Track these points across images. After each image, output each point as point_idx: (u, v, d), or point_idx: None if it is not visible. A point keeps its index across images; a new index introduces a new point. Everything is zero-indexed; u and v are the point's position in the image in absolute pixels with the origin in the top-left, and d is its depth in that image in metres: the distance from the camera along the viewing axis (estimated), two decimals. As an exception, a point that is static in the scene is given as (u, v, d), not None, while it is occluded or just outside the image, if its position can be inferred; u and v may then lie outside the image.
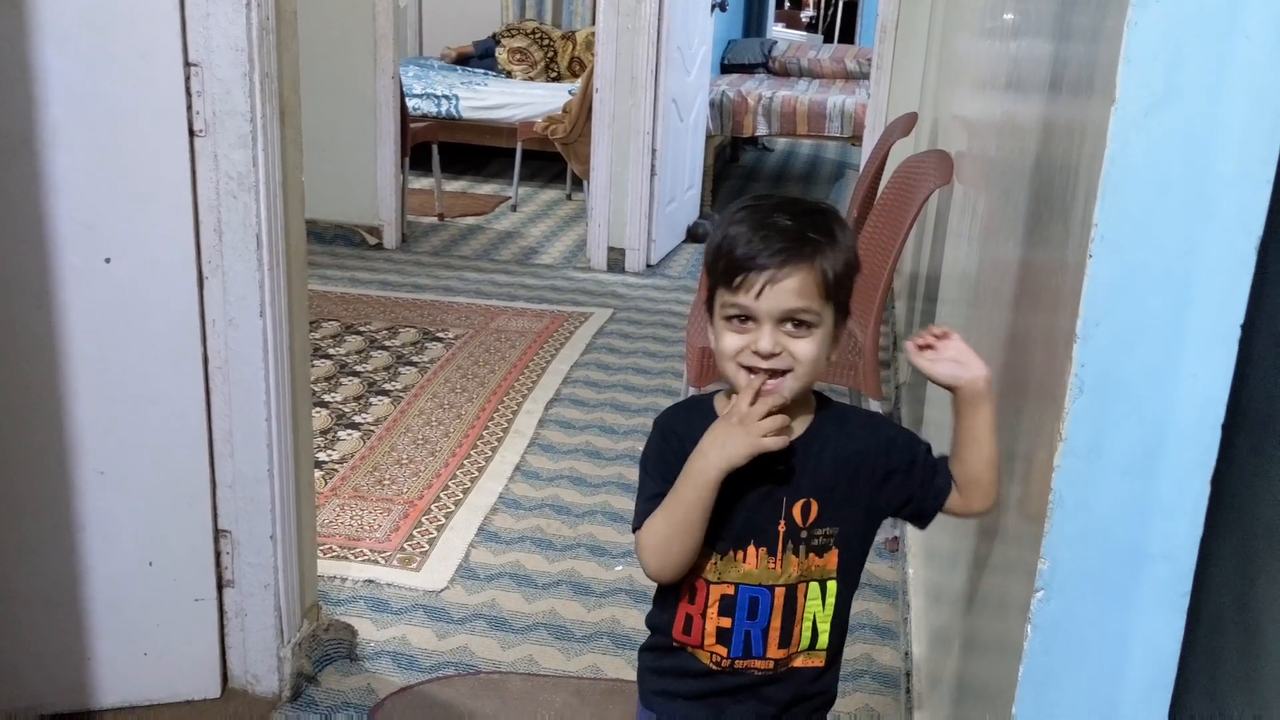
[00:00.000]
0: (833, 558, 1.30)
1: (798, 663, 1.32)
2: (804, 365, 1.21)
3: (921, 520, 1.34)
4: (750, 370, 1.22)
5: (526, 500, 3.16)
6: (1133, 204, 0.94)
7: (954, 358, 1.26)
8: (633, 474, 3.28)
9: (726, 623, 1.29)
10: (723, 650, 1.31)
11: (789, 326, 1.20)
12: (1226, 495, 1.08)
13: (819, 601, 1.30)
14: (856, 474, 1.29)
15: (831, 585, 1.30)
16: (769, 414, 1.20)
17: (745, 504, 1.25)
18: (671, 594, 1.33)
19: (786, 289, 1.18)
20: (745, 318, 1.21)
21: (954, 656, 1.73)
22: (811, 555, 1.28)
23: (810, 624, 1.30)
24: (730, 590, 1.28)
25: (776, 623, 1.29)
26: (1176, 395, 0.97)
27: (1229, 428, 0.98)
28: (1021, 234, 1.47)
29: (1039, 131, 1.42)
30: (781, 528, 1.27)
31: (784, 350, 1.20)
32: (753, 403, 1.21)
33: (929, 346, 1.27)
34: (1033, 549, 1.06)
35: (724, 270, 1.21)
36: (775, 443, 1.20)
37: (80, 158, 1.92)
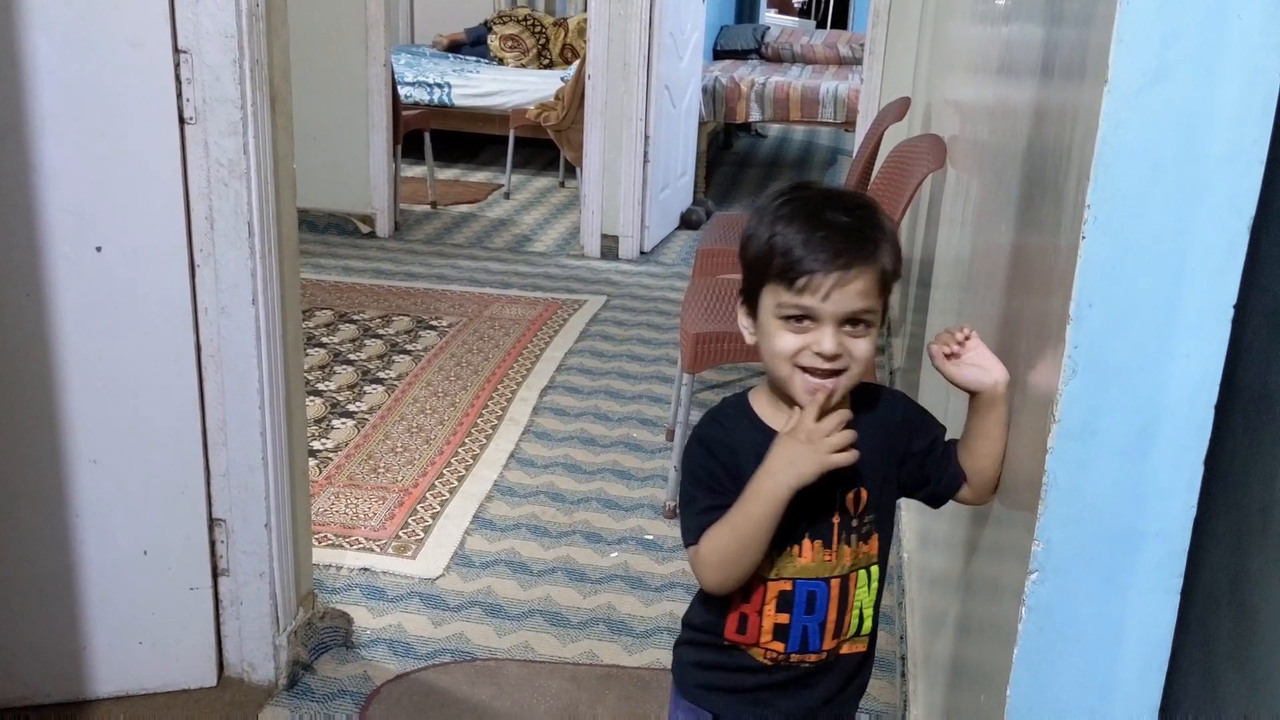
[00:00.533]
0: (875, 542, 1.30)
1: (844, 650, 1.32)
2: (860, 365, 1.20)
3: (936, 502, 1.35)
4: (806, 370, 1.20)
5: (521, 487, 3.16)
6: (1125, 185, 0.94)
7: (975, 362, 1.26)
8: (627, 461, 3.30)
9: (784, 619, 1.28)
10: (779, 646, 1.30)
11: (848, 327, 1.19)
12: (1220, 475, 1.09)
13: (866, 588, 1.30)
14: (888, 454, 1.30)
15: (875, 570, 1.31)
16: (836, 426, 1.18)
17: (802, 500, 1.22)
18: (723, 595, 1.30)
19: (854, 291, 1.17)
20: (804, 318, 1.19)
21: (949, 639, 1.74)
22: (860, 543, 1.29)
23: (859, 611, 1.31)
24: (788, 586, 1.27)
25: (833, 614, 1.29)
26: (1170, 376, 0.97)
27: (1222, 407, 0.98)
28: (1014, 217, 1.47)
29: (1031, 115, 1.42)
30: (836, 519, 1.27)
31: (845, 351, 1.19)
32: (818, 418, 1.19)
33: (954, 355, 1.26)
34: (1026, 531, 1.07)
35: (782, 270, 1.18)
36: (846, 459, 1.18)
37: (70, 146, 1.92)
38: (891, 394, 1.36)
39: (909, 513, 2.80)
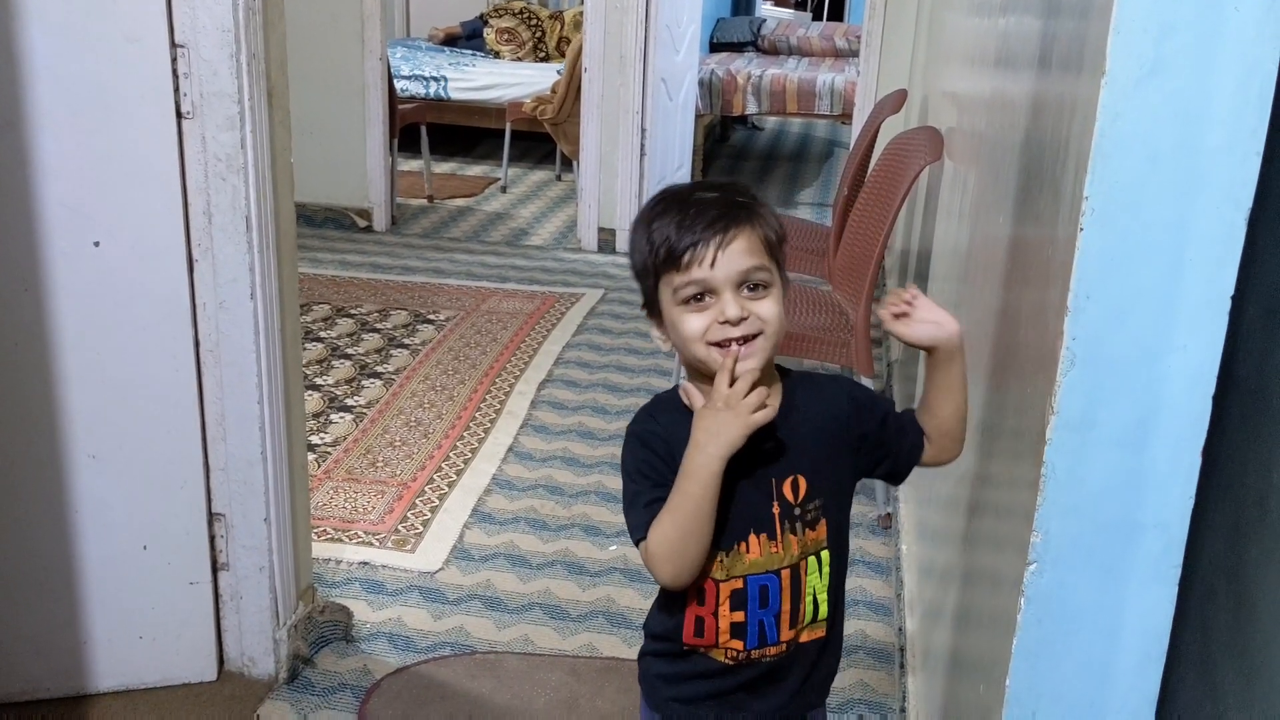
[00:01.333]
0: (823, 529, 1.30)
1: (804, 638, 1.32)
2: (771, 325, 1.21)
3: (896, 478, 1.36)
4: (720, 345, 1.21)
5: (520, 481, 3.16)
6: (1123, 176, 0.94)
7: (927, 318, 1.26)
8: (626, 454, 3.30)
9: (740, 616, 1.28)
10: (738, 644, 1.30)
11: (746, 291, 1.20)
12: (1217, 466, 1.09)
13: (817, 574, 1.30)
14: (833, 439, 1.30)
15: (825, 555, 1.31)
16: (749, 389, 1.19)
17: (737, 495, 1.24)
18: (677, 599, 1.30)
19: (738, 250, 1.19)
20: (703, 294, 1.20)
21: (947, 631, 1.74)
22: (807, 531, 1.29)
23: (811, 598, 1.31)
24: (739, 584, 1.27)
25: (786, 605, 1.29)
26: (1168, 367, 0.97)
27: (1219, 398, 0.98)
28: (1012, 209, 1.47)
29: (1029, 106, 1.42)
30: (776, 509, 1.27)
31: (750, 314, 1.20)
32: (731, 383, 1.20)
33: (904, 314, 1.27)
34: (1025, 523, 1.07)
35: (667, 256, 1.21)
36: (766, 415, 1.19)
37: (67, 141, 1.91)
38: (834, 380, 1.37)
39: (906, 505, 2.80)
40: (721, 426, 1.18)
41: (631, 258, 1.28)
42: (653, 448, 1.26)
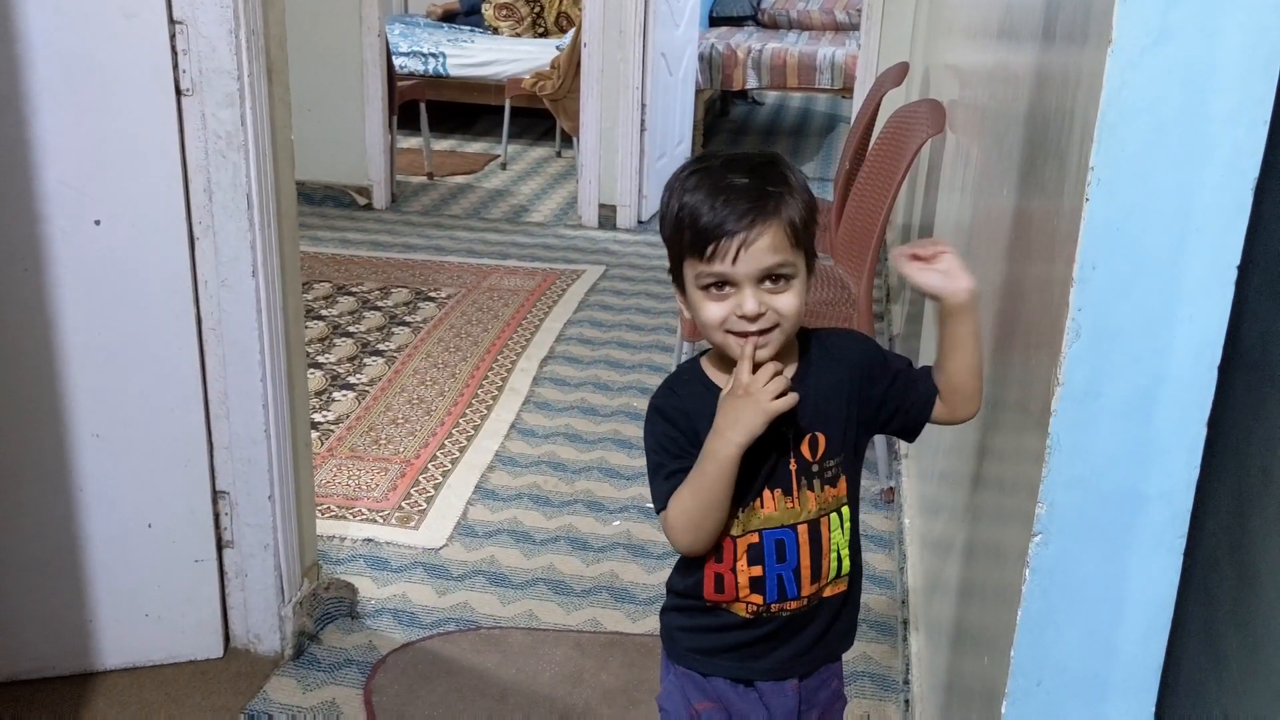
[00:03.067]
0: (843, 485, 1.32)
1: (827, 593, 1.35)
2: (789, 319, 1.23)
3: (909, 434, 1.36)
4: (739, 335, 1.22)
5: (523, 458, 3.16)
6: (1129, 146, 0.94)
7: (942, 269, 1.26)
8: (628, 430, 3.30)
9: (758, 571, 1.31)
10: (758, 599, 1.32)
11: (768, 284, 1.21)
12: (1222, 436, 1.09)
13: (840, 531, 1.32)
14: (848, 396, 1.31)
15: (846, 511, 1.33)
16: (771, 376, 1.21)
17: (755, 453, 1.25)
18: (696, 557, 1.33)
19: (761, 248, 1.19)
20: (723, 284, 1.21)
21: (951, 604, 1.75)
22: (827, 488, 1.31)
23: (835, 554, 1.33)
24: (755, 539, 1.30)
25: (806, 560, 1.31)
26: (1173, 337, 0.97)
27: (1224, 368, 0.98)
28: (1016, 181, 1.47)
29: (1033, 78, 1.41)
30: (793, 466, 1.29)
31: (768, 309, 1.21)
32: (753, 370, 1.21)
33: (919, 258, 1.27)
34: (1030, 496, 1.07)
35: (691, 241, 1.21)
36: (786, 403, 1.21)
37: (66, 119, 1.91)
38: (848, 335, 1.37)
39: (909, 479, 2.81)
40: (742, 414, 1.21)
41: (661, 222, 1.28)
42: (674, 421, 1.30)
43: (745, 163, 1.23)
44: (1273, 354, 1.05)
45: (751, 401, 1.20)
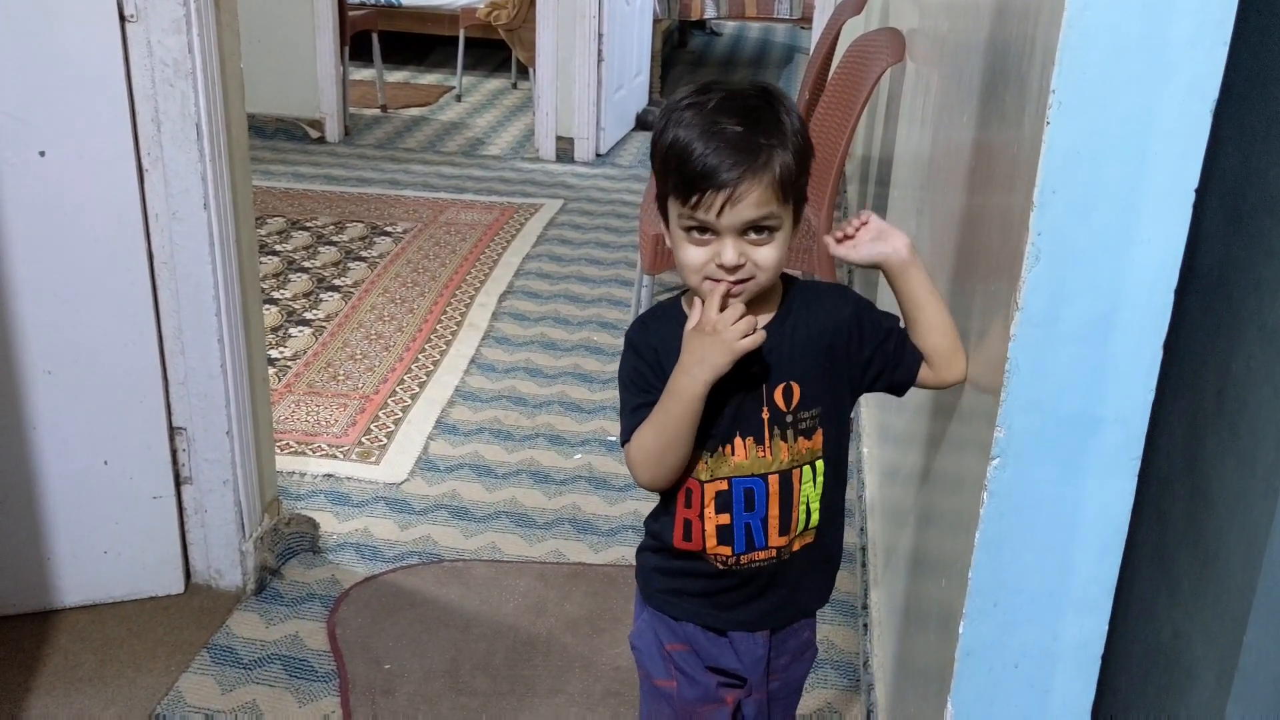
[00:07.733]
0: (819, 438, 1.30)
1: (797, 546, 1.34)
2: (767, 272, 1.21)
3: (898, 390, 1.35)
4: (716, 281, 1.21)
5: (483, 392, 3.16)
6: (1090, 69, 0.94)
7: (873, 237, 1.27)
8: (589, 364, 3.30)
9: (725, 519, 1.30)
10: (726, 550, 1.31)
11: (751, 234, 1.19)
12: (1177, 358, 1.11)
13: (812, 484, 1.31)
14: (831, 349, 1.30)
15: (820, 465, 1.31)
16: (738, 316, 1.20)
17: (727, 399, 1.25)
18: (670, 499, 1.33)
19: (748, 202, 1.16)
20: (705, 229, 1.19)
21: (910, 531, 1.77)
22: (800, 439, 1.29)
23: (805, 507, 1.31)
24: (724, 486, 1.29)
25: (774, 510, 1.30)
26: (1131, 261, 0.98)
27: (1180, 291, 0.99)
28: (976, 110, 1.46)
29: (993, 4, 1.40)
30: (765, 414, 1.28)
31: (747, 260, 1.20)
32: (721, 308, 1.20)
33: (849, 238, 1.28)
34: (989, 423, 1.08)
35: (677, 185, 1.19)
36: (752, 342, 1.19)
37: (6, 46, 1.85)
38: (841, 292, 1.36)
39: (868, 408, 2.83)
40: (707, 351, 1.19)
41: (652, 146, 1.25)
42: (643, 356, 1.29)
43: (741, 104, 1.19)
44: (1228, 277, 1.06)
45: (717, 339, 1.19)
